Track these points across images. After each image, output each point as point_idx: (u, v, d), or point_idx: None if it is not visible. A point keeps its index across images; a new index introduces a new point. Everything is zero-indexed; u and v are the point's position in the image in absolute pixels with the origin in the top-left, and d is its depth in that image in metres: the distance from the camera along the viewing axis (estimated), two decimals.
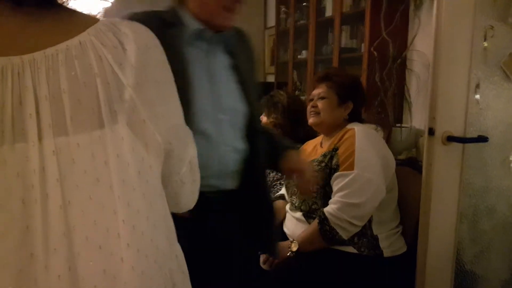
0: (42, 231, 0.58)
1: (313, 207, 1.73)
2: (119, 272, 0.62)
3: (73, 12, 0.67)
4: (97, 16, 2.51)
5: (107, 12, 2.49)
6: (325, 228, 1.60)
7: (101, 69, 0.62)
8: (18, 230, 0.57)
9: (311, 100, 1.86)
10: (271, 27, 4.41)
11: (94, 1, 2.40)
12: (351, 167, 1.61)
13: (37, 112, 0.59)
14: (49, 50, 0.60)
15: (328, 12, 3.18)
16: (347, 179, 1.60)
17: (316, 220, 1.64)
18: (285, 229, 1.86)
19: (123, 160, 0.63)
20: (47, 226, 0.58)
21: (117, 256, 0.62)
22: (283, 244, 1.68)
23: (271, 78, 4.42)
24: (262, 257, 1.70)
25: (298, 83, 3.81)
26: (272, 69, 4.33)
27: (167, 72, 0.71)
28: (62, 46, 0.61)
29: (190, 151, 0.80)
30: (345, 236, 1.60)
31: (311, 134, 2.04)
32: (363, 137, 1.67)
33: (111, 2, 2.56)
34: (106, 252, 0.62)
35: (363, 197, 1.58)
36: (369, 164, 1.62)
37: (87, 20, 0.65)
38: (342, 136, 1.72)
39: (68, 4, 0.67)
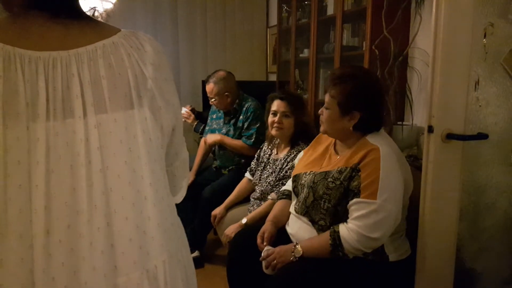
0: (86, 191, 0.71)
1: (319, 222, 1.67)
2: (148, 228, 0.77)
3: (101, 22, 0.84)
4: (99, 17, 2.53)
5: (109, 13, 2.51)
6: (337, 253, 1.56)
7: (130, 63, 0.78)
8: (67, 191, 0.70)
9: (323, 104, 1.76)
10: (273, 26, 4.42)
11: (96, 2, 2.41)
12: (373, 196, 1.52)
13: (82, 94, 0.73)
14: (90, 47, 0.76)
15: (330, 11, 3.18)
16: (368, 210, 1.52)
17: (328, 240, 1.57)
18: (288, 228, 1.84)
19: (147, 136, 0.79)
20: (91, 186, 0.71)
21: (146, 214, 0.77)
22: (286, 247, 1.66)
23: (273, 77, 4.43)
24: (264, 262, 1.69)
25: (300, 82, 3.81)
26: (274, 68, 4.33)
27: (171, 73, 0.87)
28: (99, 44, 0.76)
29: (184, 150, 0.98)
30: (352, 256, 1.58)
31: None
32: (388, 162, 1.56)
33: (113, 4, 2.57)
34: (137, 210, 0.76)
35: (383, 231, 1.53)
36: (392, 195, 1.54)
37: (113, 28, 0.82)
38: (365, 156, 1.59)
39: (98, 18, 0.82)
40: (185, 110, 3.34)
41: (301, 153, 2.03)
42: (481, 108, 1.69)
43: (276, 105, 2.31)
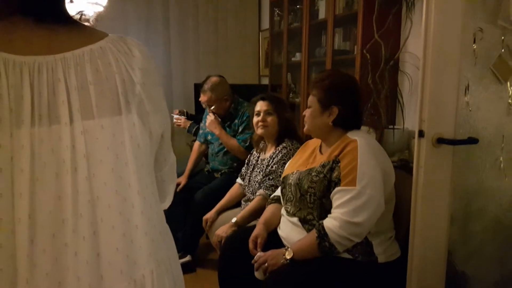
0: (71, 199, 0.69)
1: (308, 217, 1.71)
2: (136, 236, 0.75)
3: (88, 26, 0.82)
4: (90, 20, 2.51)
5: (99, 16, 2.49)
6: (324, 244, 1.58)
7: (118, 68, 0.76)
8: (52, 199, 0.68)
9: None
10: (265, 30, 4.42)
11: (86, 6, 2.40)
12: (353, 183, 1.57)
13: (68, 100, 0.71)
14: (77, 51, 0.74)
15: (321, 15, 3.20)
16: (348, 196, 1.57)
17: (315, 233, 1.61)
18: (279, 231, 1.85)
19: (135, 142, 0.77)
20: (76, 194, 0.70)
21: (133, 223, 0.75)
22: (278, 251, 1.67)
23: (265, 81, 4.43)
24: (255, 265, 1.69)
25: (292, 85, 3.82)
26: (267, 72, 4.34)
27: (159, 78, 0.86)
28: (86, 48, 0.75)
29: (172, 155, 0.97)
30: (341, 249, 1.60)
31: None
32: (366, 151, 1.63)
33: (104, 7, 2.55)
34: (125, 218, 0.74)
35: (365, 215, 1.55)
36: (371, 180, 1.58)
37: (101, 33, 0.80)
38: (343, 148, 1.67)
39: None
40: (175, 117, 3.34)
41: (289, 161, 2.07)
42: (471, 112, 1.70)
43: (259, 105, 2.40)
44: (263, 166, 2.36)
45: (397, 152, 2.40)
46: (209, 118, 2.91)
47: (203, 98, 2.92)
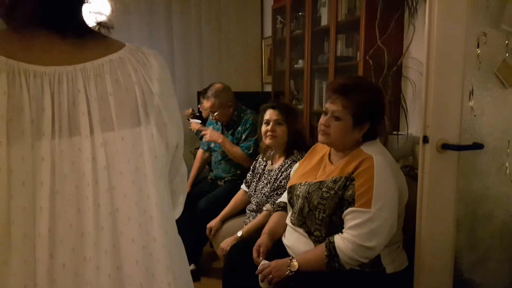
0: (93, 212, 0.68)
1: (315, 233, 1.66)
2: (154, 249, 0.74)
3: (107, 37, 0.82)
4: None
5: (102, 25, 2.50)
6: (334, 264, 1.54)
7: (137, 79, 0.76)
8: (72, 212, 0.68)
9: (325, 113, 1.71)
10: (268, 37, 4.43)
11: (89, 15, 2.40)
12: (368, 204, 1.51)
13: (89, 111, 0.70)
14: (96, 61, 0.74)
15: (324, 22, 3.20)
16: (363, 218, 1.51)
17: (324, 251, 1.56)
18: (284, 240, 1.82)
19: (153, 153, 0.76)
20: (97, 207, 0.69)
21: (151, 235, 0.74)
22: (282, 261, 1.64)
23: (268, 88, 4.43)
24: (260, 276, 1.66)
25: (295, 92, 3.81)
26: (270, 79, 4.34)
27: (173, 89, 0.86)
28: (106, 59, 0.75)
29: (183, 165, 0.96)
30: (349, 268, 1.56)
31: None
32: (382, 171, 1.56)
33: (106, 16, 2.56)
34: (144, 231, 0.73)
35: (378, 240, 1.51)
36: (387, 203, 1.53)
37: (118, 43, 0.80)
38: (358, 165, 1.59)
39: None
40: (194, 121, 3.36)
41: (297, 164, 2.02)
42: (476, 117, 1.69)
43: (268, 114, 2.31)
44: (271, 178, 2.31)
45: (402, 158, 2.39)
46: (208, 131, 2.89)
47: (206, 104, 2.91)
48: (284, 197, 2.00)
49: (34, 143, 0.66)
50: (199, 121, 3.45)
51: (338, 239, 1.56)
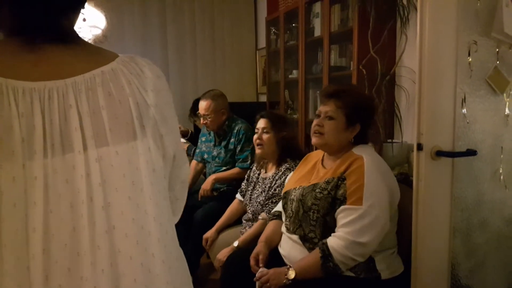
0: (88, 230, 0.66)
1: (309, 235, 1.67)
2: (153, 265, 0.72)
3: (99, 48, 0.79)
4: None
5: (97, 39, 2.52)
6: (328, 265, 1.55)
7: (131, 90, 0.73)
8: (67, 231, 0.65)
9: (318, 116, 1.77)
10: (262, 48, 4.46)
11: (84, 29, 2.42)
12: (359, 202, 1.55)
13: (81, 126, 0.68)
14: (87, 74, 0.71)
15: (317, 32, 3.23)
16: (354, 215, 1.54)
17: (318, 253, 1.58)
18: (280, 249, 1.83)
19: (151, 167, 0.74)
20: (93, 225, 0.67)
21: (150, 251, 0.72)
22: (279, 270, 1.64)
23: (263, 98, 4.46)
24: (257, 283, 1.66)
25: (290, 102, 3.83)
26: (264, 89, 4.36)
27: (171, 96, 0.83)
28: (97, 71, 0.72)
29: (184, 170, 0.92)
30: (344, 269, 1.57)
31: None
32: (372, 169, 1.61)
33: (101, 30, 2.58)
34: (142, 247, 0.71)
35: (370, 235, 1.53)
36: (378, 200, 1.56)
37: (111, 53, 0.77)
38: (349, 165, 1.65)
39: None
40: (184, 142, 3.39)
41: (291, 173, 2.04)
42: (469, 124, 1.70)
43: (258, 123, 2.37)
44: (265, 186, 2.31)
45: (397, 166, 2.40)
46: (201, 191, 2.88)
47: (201, 105, 2.90)
48: (279, 206, 2.00)
49: (25, 162, 0.64)
50: (184, 141, 3.48)
51: (331, 239, 1.58)
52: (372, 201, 1.55)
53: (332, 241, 1.57)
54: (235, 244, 2.18)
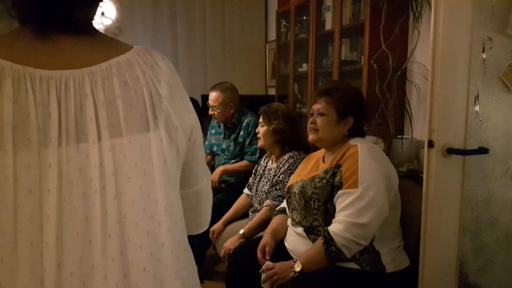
0: (100, 219, 0.67)
1: (314, 224, 1.71)
2: (162, 255, 0.72)
3: (114, 39, 0.79)
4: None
5: (108, 29, 2.51)
6: (331, 249, 1.58)
7: (145, 81, 0.74)
8: (80, 220, 0.66)
9: (312, 115, 1.86)
10: (272, 41, 4.44)
11: (96, 19, 2.42)
12: (354, 185, 1.60)
13: (96, 116, 0.68)
14: (103, 64, 0.71)
15: (328, 26, 3.20)
16: (351, 198, 1.59)
17: (321, 240, 1.61)
18: (286, 243, 1.84)
19: (162, 157, 0.74)
20: (105, 214, 0.67)
21: (159, 241, 0.72)
22: (286, 264, 1.66)
23: (272, 91, 4.44)
24: (263, 275, 1.68)
25: (299, 96, 3.82)
26: (274, 82, 4.35)
27: (185, 92, 0.84)
28: (113, 61, 0.72)
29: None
30: (349, 255, 1.59)
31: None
32: (366, 154, 1.66)
33: (112, 20, 2.58)
34: (152, 237, 0.71)
35: (369, 216, 1.56)
36: (373, 182, 1.60)
37: (126, 44, 0.78)
38: (344, 153, 1.71)
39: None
40: None
41: (295, 170, 2.10)
42: (481, 122, 1.68)
43: (260, 118, 2.47)
44: (270, 176, 2.36)
45: (406, 162, 2.38)
46: (214, 175, 2.89)
47: (211, 95, 2.92)
48: (283, 204, 2.03)
49: (40, 150, 0.64)
50: None
51: (331, 225, 1.62)
52: (368, 183, 1.59)
53: (333, 226, 1.61)
54: (241, 232, 2.22)
